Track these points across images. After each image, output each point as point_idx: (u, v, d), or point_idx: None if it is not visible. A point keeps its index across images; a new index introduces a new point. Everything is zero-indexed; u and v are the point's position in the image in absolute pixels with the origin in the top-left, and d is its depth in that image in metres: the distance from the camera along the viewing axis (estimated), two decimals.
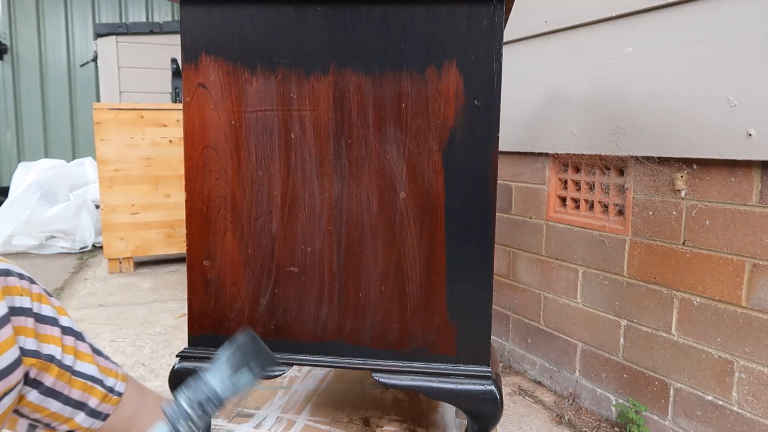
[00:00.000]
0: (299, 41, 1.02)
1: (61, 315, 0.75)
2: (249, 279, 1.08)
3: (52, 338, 0.72)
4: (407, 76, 1.00)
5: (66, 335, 0.75)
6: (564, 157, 1.64)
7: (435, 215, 1.02)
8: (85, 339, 0.79)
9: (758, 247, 1.16)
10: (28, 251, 3.73)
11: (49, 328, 0.72)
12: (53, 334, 0.73)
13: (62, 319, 0.75)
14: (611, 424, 1.49)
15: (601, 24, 1.45)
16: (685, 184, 1.29)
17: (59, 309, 0.76)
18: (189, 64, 1.05)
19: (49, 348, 0.71)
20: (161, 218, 3.21)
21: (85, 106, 6.24)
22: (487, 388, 1.03)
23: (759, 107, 1.12)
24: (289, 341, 1.09)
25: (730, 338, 1.22)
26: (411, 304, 1.05)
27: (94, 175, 4.12)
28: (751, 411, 1.18)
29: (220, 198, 1.07)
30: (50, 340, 0.72)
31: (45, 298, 0.73)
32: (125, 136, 3.06)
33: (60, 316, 0.75)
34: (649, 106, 1.34)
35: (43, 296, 0.73)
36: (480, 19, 0.97)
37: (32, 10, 6.08)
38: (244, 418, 1.33)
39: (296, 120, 1.04)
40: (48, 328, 0.72)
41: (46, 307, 0.73)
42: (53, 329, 0.73)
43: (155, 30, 4.61)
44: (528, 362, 1.81)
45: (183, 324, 2.33)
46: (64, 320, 0.75)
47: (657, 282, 1.37)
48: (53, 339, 0.72)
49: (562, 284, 1.65)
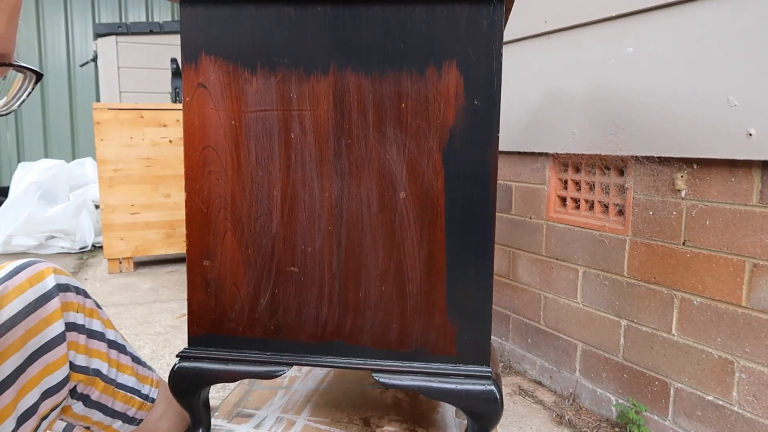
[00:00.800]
0: (299, 41, 1.02)
1: (108, 329, 0.80)
2: (249, 279, 1.08)
3: (98, 353, 0.76)
4: (407, 76, 1.00)
5: (111, 349, 0.79)
6: (564, 157, 1.64)
7: (435, 215, 1.02)
8: (127, 350, 0.84)
9: (758, 247, 1.16)
10: (28, 251, 3.72)
11: (97, 343, 0.76)
12: (100, 349, 0.77)
13: (108, 333, 0.80)
14: (611, 424, 1.49)
15: (601, 24, 1.45)
16: (686, 184, 1.29)
17: (106, 322, 0.80)
18: (189, 64, 1.05)
19: (96, 362, 0.75)
20: (161, 218, 3.21)
21: (84, 106, 6.24)
22: (488, 388, 1.03)
23: (759, 107, 1.12)
24: (289, 341, 1.09)
25: (730, 338, 1.22)
26: (411, 304, 1.05)
27: (93, 175, 4.12)
28: (751, 411, 1.18)
29: (220, 198, 1.07)
30: (97, 354, 0.76)
31: (96, 313, 0.77)
32: (125, 136, 3.06)
33: (107, 329, 0.79)
34: (649, 106, 1.33)
35: (94, 311, 0.77)
36: (480, 19, 0.97)
37: (32, 10, 6.08)
38: (244, 418, 1.33)
39: (296, 120, 1.04)
40: (96, 342, 0.76)
41: (96, 321, 0.77)
42: (100, 344, 0.77)
43: (155, 30, 4.60)
44: (528, 362, 1.81)
45: (183, 324, 2.33)
46: (110, 334, 0.80)
47: (657, 282, 1.37)
48: (100, 354, 0.77)
49: (562, 284, 1.65)
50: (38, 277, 0.68)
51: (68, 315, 0.72)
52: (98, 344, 0.77)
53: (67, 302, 0.71)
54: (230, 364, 1.09)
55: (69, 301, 0.72)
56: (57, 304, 0.68)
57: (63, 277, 0.73)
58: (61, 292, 0.70)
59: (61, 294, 0.71)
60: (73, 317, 0.72)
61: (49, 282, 0.69)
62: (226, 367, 1.09)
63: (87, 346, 0.75)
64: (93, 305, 0.78)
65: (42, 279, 0.69)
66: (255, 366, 1.09)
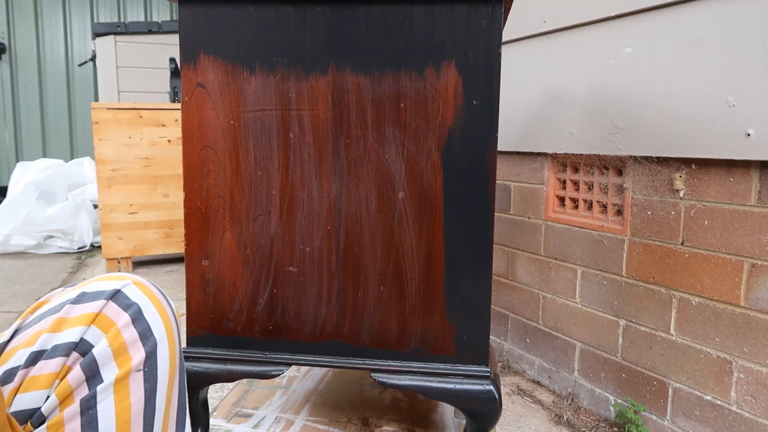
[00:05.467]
0: (298, 41, 1.02)
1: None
2: (248, 279, 1.08)
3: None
4: (406, 76, 1.00)
5: None
6: (563, 157, 1.64)
7: (434, 215, 1.02)
8: None
9: (757, 247, 1.16)
10: (26, 251, 3.72)
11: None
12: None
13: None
14: (610, 423, 1.49)
15: (600, 24, 1.45)
16: (684, 184, 1.29)
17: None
18: (187, 64, 1.05)
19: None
20: (160, 218, 3.20)
21: (83, 106, 6.23)
22: (486, 388, 1.03)
23: (758, 107, 1.12)
24: (287, 341, 1.09)
25: (728, 338, 1.22)
26: (410, 303, 1.05)
27: (92, 174, 4.12)
28: (749, 411, 1.18)
29: (218, 198, 1.07)
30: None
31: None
32: (124, 136, 3.05)
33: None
34: (647, 106, 1.34)
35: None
36: (479, 19, 0.97)
37: (30, 10, 6.07)
38: (242, 418, 1.33)
39: (295, 120, 1.03)
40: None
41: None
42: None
43: (154, 30, 4.60)
44: (527, 362, 1.81)
45: (181, 324, 2.33)
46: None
47: (655, 282, 1.37)
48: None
49: (561, 284, 1.65)
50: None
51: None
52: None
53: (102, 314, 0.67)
54: (229, 364, 1.09)
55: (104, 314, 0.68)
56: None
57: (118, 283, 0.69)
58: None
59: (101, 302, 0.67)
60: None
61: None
62: (224, 366, 1.09)
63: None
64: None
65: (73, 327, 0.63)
66: (253, 366, 1.09)
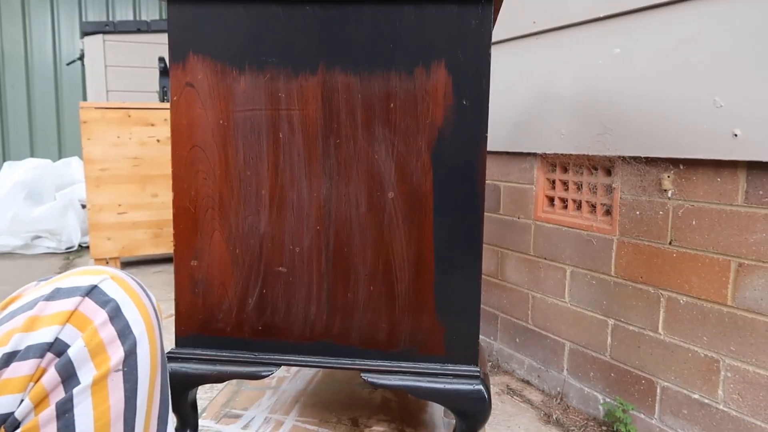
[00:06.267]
0: (288, 40, 1.02)
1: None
2: (237, 279, 1.08)
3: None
4: (396, 76, 1.00)
5: None
6: (552, 157, 1.65)
7: (424, 215, 1.03)
8: None
9: (743, 247, 1.17)
10: (14, 251, 3.68)
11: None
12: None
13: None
14: (599, 422, 1.50)
15: (589, 24, 1.46)
16: (672, 184, 1.30)
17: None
18: (176, 63, 1.04)
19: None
20: (148, 218, 3.18)
21: (71, 105, 6.18)
22: (476, 388, 1.03)
23: (744, 108, 1.13)
24: (277, 341, 1.09)
25: (716, 337, 1.23)
26: (399, 303, 1.05)
27: (80, 174, 4.09)
28: (736, 409, 1.19)
29: (207, 198, 1.06)
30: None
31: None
32: (112, 136, 3.03)
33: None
34: (636, 107, 1.34)
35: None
36: (468, 19, 0.97)
37: (18, 8, 6.02)
38: (232, 419, 1.33)
39: (285, 119, 1.03)
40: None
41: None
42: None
43: (143, 29, 4.57)
44: (516, 361, 1.82)
45: (170, 325, 2.31)
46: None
47: (644, 281, 1.38)
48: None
49: (550, 284, 1.66)
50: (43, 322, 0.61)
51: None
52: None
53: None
54: (218, 365, 1.09)
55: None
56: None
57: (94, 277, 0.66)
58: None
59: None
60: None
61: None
62: (213, 367, 1.09)
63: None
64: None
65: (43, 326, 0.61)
66: (243, 366, 1.08)
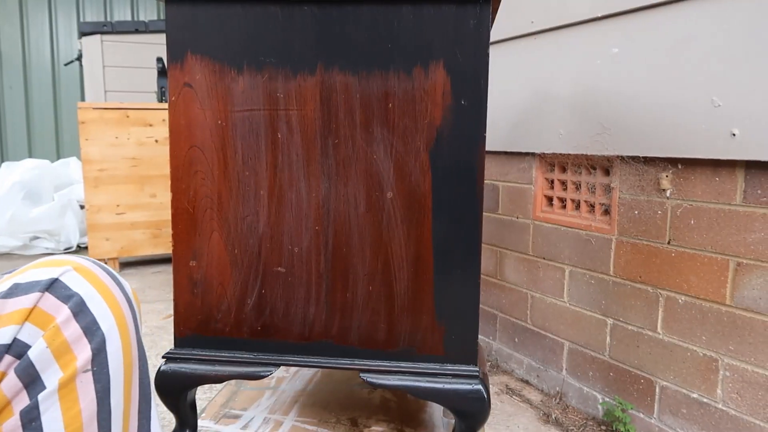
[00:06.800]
0: (286, 41, 1.01)
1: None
2: (236, 279, 1.08)
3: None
4: (394, 76, 1.00)
5: None
6: (550, 156, 1.65)
7: (422, 215, 1.03)
8: None
9: (742, 246, 1.17)
10: (12, 252, 3.68)
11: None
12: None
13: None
14: (598, 422, 1.50)
15: (588, 24, 1.46)
16: (670, 184, 1.30)
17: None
18: (174, 63, 1.04)
19: None
20: (147, 218, 3.18)
21: (69, 106, 6.18)
22: (475, 388, 1.03)
23: (742, 107, 1.13)
24: (276, 341, 1.09)
25: (714, 336, 1.23)
26: (398, 303, 1.05)
27: (78, 175, 4.08)
28: (735, 408, 1.20)
29: (206, 198, 1.06)
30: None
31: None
32: (110, 136, 3.03)
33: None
34: (634, 106, 1.35)
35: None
36: (467, 19, 0.97)
37: (15, 8, 6.01)
38: (231, 419, 1.32)
39: (283, 120, 1.03)
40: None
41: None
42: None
43: (141, 29, 4.57)
44: (515, 361, 1.82)
45: (169, 325, 2.32)
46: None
47: (643, 281, 1.38)
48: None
49: (549, 283, 1.66)
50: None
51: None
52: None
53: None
54: (217, 365, 1.09)
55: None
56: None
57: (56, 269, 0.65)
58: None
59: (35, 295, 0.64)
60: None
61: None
62: (212, 368, 1.09)
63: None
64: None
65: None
66: (242, 367, 1.08)
